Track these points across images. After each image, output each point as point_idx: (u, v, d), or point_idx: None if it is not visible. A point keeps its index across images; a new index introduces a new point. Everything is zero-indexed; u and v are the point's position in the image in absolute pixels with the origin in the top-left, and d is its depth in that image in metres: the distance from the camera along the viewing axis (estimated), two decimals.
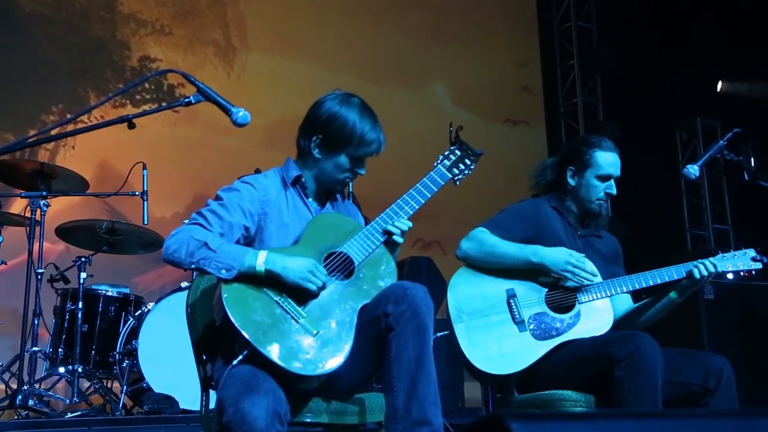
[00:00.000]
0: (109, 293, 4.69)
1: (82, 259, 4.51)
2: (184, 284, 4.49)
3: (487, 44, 7.74)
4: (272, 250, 2.43)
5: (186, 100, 2.36)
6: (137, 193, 4.33)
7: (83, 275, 4.48)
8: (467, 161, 2.76)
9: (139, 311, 4.57)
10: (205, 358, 2.59)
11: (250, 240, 2.56)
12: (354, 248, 2.49)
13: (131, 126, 2.35)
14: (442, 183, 2.69)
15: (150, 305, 4.48)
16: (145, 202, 4.31)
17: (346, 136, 2.56)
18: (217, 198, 2.54)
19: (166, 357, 4.22)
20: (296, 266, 2.37)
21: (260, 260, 2.36)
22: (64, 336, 4.53)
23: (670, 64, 7.09)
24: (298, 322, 2.33)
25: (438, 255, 6.59)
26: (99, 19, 5.97)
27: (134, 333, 4.40)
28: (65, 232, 4.63)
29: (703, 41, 6.85)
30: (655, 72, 7.21)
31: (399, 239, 2.56)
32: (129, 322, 4.54)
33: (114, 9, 6.05)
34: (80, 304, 4.45)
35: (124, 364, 4.42)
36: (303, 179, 2.64)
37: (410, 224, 2.58)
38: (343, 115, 2.58)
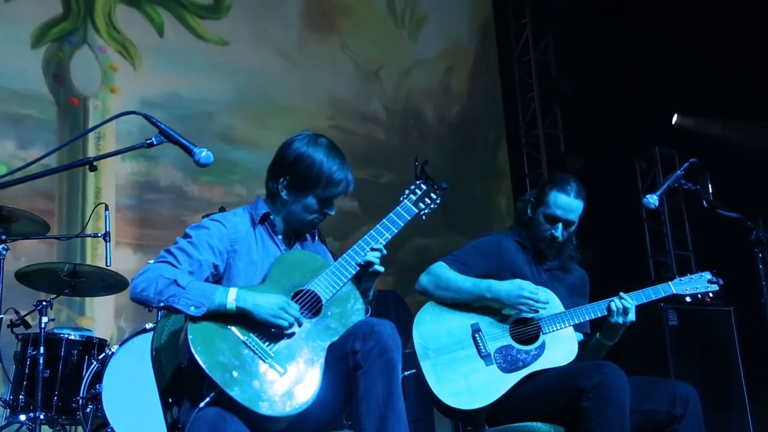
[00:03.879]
0: (72, 337, 4.58)
1: (43, 303, 4.41)
2: (148, 326, 4.41)
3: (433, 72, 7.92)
4: (241, 288, 2.41)
5: (148, 141, 2.36)
6: (99, 235, 4.27)
7: (44, 319, 4.38)
8: (433, 195, 2.76)
9: (103, 354, 4.47)
10: (171, 401, 2.55)
11: (218, 278, 2.54)
12: (321, 286, 2.48)
13: (92, 169, 2.35)
14: (409, 218, 2.68)
15: (114, 348, 4.40)
16: (108, 244, 4.26)
17: (314, 177, 2.55)
18: (186, 236, 2.52)
19: (131, 401, 4.13)
20: (267, 303, 2.36)
21: (231, 298, 2.35)
22: (25, 382, 4.41)
23: (628, 95, 7.24)
24: (265, 362, 2.31)
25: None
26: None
27: (98, 377, 4.30)
28: (25, 277, 4.54)
29: (661, 72, 7.02)
30: (614, 102, 7.35)
31: (379, 268, 2.55)
32: (92, 366, 4.44)
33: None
34: (42, 349, 4.35)
35: (88, 410, 4.31)
36: (271, 217, 2.63)
37: (378, 257, 2.57)
38: (310, 156, 2.56)
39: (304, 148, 2.58)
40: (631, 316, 2.99)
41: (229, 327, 2.34)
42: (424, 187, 2.75)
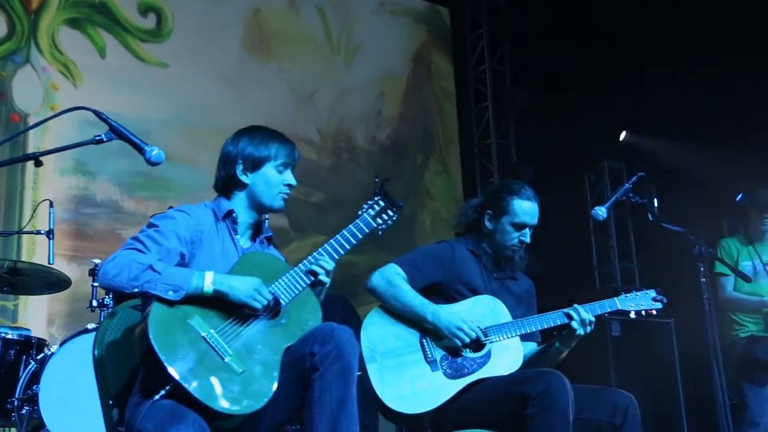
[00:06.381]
0: (9, 336, 4.44)
1: None
2: (90, 326, 4.32)
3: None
4: (217, 272, 2.43)
5: (97, 137, 2.34)
6: (42, 232, 4.18)
7: None
8: (390, 212, 2.82)
9: (42, 354, 4.36)
10: (112, 402, 2.51)
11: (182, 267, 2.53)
12: (281, 289, 2.51)
13: (38, 164, 2.31)
14: (367, 231, 2.75)
15: (54, 348, 4.29)
16: (51, 241, 4.16)
17: (263, 148, 2.65)
18: (152, 225, 2.52)
19: (69, 402, 4.03)
20: (243, 285, 2.40)
21: (208, 281, 2.38)
22: None
23: (579, 108, 7.37)
24: (224, 360, 2.32)
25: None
26: None
27: (36, 377, 4.19)
28: None
29: (611, 87, 7.16)
30: (566, 115, 7.48)
31: (325, 278, 2.58)
32: (30, 366, 4.31)
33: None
34: None
35: (24, 411, 4.19)
36: (234, 214, 2.65)
37: (333, 264, 2.61)
38: (253, 133, 2.69)
39: (245, 132, 2.69)
40: (590, 326, 3.07)
41: (189, 322, 2.34)
42: (382, 203, 2.81)
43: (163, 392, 2.22)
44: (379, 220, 2.79)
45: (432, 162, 8.38)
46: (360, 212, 2.78)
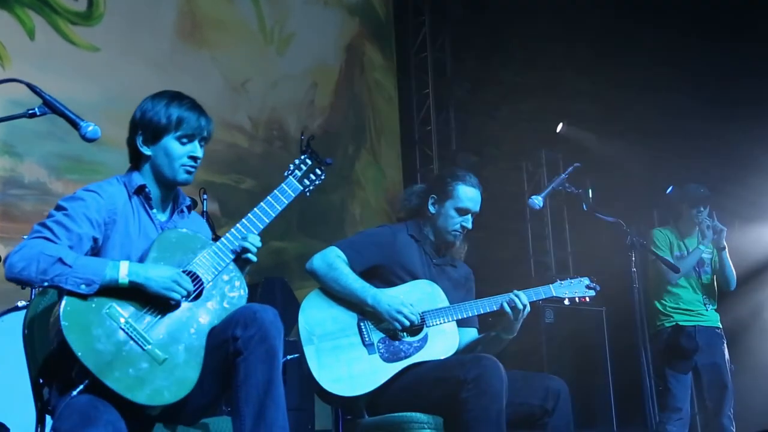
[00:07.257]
0: None
1: None
2: (20, 303, 4.19)
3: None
4: (132, 262, 2.32)
5: (30, 111, 2.26)
6: None
7: None
8: (318, 171, 2.73)
9: None
10: (42, 381, 2.43)
11: (96, 251, 2.42)
12: (203, 267, 2.40)
13: None
14: (294, 195, 2.63)
15: None
16: None
17: (163, 118, 2.50)
18: (60, 208, 2.39)
19: None
20: (159, 276, 2.28)
21: (123, 272, 2.25)
22: None
23: (518, 98, 7.48)
24: (144, 349, 2.22)
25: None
26: None
27: None
28: None
29: (551, 78, 7.28)
30: (505, 104, 7.58)
31: (253, 258, 2.50)
32: None
33: None
34: None
35: None
36: (147, 189, 2.53)
37: (259, 239, 2.52)
38: (155, 103, 2.55)
39: (148, 101, 2.57)
40: (528, 310, 3.11)
41: (105, 312, 2.23)
42: (309, 162, 2.71)
43: (81, 387, 2.14)
44: (307, 182, 2.68)
45: (363, 153, 8.43)
46: (286, 173, 2.66)
